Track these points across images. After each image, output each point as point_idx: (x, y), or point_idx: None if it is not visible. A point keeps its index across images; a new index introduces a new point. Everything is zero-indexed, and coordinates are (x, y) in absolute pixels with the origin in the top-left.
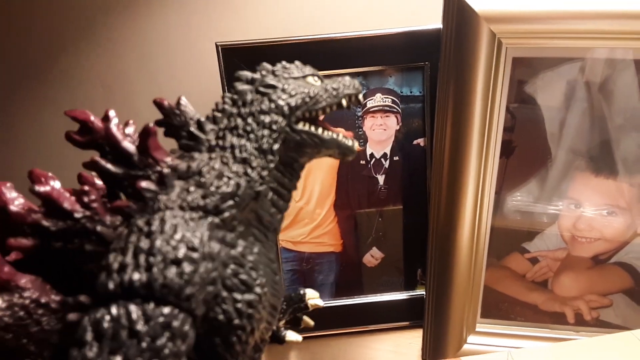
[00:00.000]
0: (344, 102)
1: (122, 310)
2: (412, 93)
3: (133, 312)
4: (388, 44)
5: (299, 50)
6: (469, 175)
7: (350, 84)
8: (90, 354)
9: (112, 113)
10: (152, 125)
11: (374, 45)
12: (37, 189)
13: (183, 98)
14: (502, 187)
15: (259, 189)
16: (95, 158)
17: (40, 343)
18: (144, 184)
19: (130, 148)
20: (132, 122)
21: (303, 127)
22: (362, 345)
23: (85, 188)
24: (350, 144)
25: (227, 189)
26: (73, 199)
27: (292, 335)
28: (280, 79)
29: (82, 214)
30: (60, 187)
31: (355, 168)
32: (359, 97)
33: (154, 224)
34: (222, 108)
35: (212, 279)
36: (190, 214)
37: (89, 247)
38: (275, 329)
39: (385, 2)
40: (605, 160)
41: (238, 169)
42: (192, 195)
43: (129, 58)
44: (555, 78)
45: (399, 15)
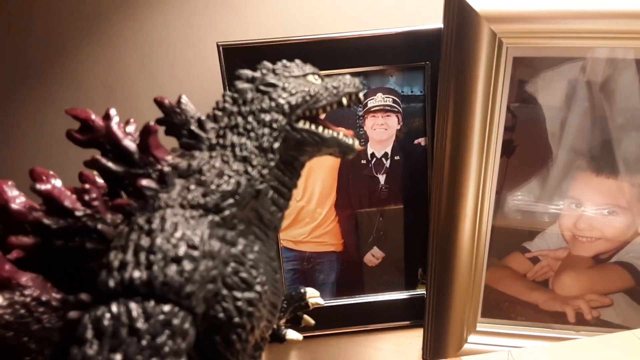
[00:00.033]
0: (345, 100)
1: (122, 308)
2: (412, 93)
3: (133, 309)
4: (389, 44)
5: (300, 50)
6: (470, 175)
7: (351, 83)
8: (91, 352)
9: (113, 112)
10: (152, 124)
11: (375, 45)
12: (38, 187)
13: (184, 97)
14: (502, 186)
15: (260, 188)
16: (96, 156)
17: (41, 341)
18: (145, 182)
19: (131, 146)
20: (132, 120)
21: (303, 125)
22: (362, 345)
23: (86, 186)
24: (351, 143)
25: (227, 187)
26: (74, 197)
27: (292, 334)
28: (281, 78)
29: (83, 212)
30: (61, 185)
31: (356, 167)
32: (360, 95)
33: (155, 222)
34: (222, 106)
35: (212, 277)
36: (191, 212)
37: (90, 245)
38: (276, 328)
39: (386, 2)
40: (606, 160)
41: (238, 168)
42: (192, 194)
43: (130, 58)
44: (556, 77)
45: (400, 15)
